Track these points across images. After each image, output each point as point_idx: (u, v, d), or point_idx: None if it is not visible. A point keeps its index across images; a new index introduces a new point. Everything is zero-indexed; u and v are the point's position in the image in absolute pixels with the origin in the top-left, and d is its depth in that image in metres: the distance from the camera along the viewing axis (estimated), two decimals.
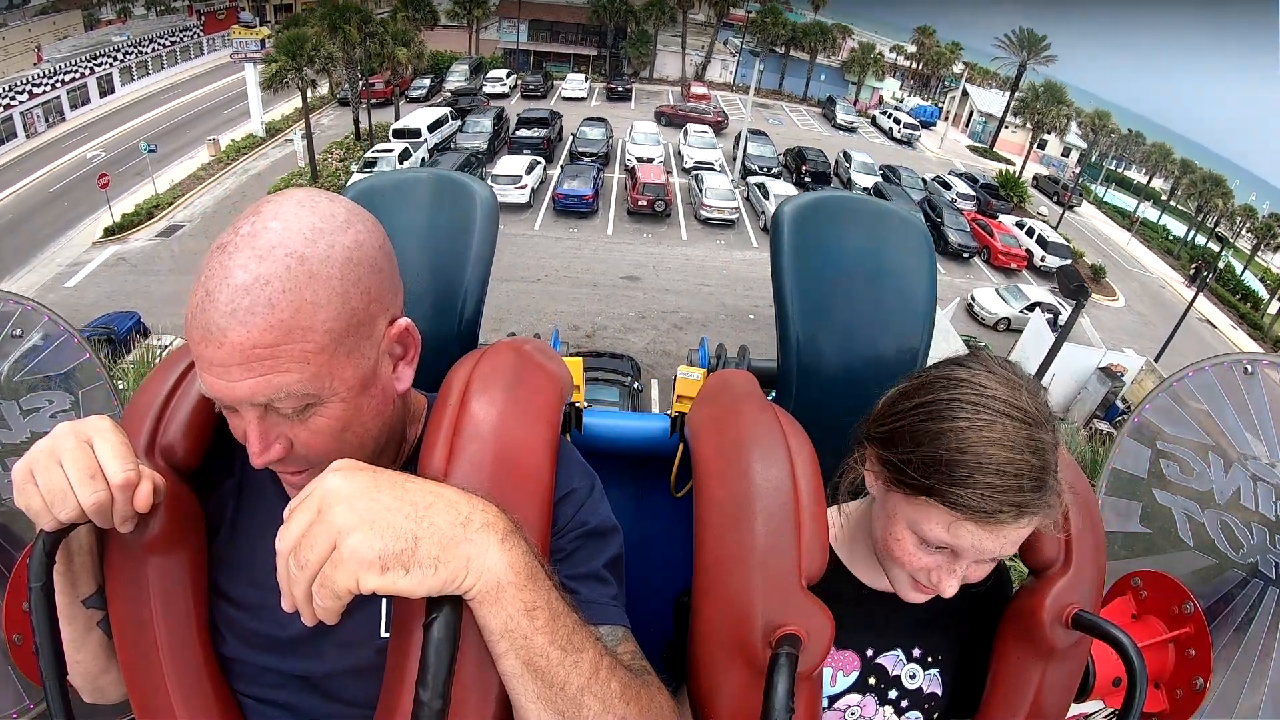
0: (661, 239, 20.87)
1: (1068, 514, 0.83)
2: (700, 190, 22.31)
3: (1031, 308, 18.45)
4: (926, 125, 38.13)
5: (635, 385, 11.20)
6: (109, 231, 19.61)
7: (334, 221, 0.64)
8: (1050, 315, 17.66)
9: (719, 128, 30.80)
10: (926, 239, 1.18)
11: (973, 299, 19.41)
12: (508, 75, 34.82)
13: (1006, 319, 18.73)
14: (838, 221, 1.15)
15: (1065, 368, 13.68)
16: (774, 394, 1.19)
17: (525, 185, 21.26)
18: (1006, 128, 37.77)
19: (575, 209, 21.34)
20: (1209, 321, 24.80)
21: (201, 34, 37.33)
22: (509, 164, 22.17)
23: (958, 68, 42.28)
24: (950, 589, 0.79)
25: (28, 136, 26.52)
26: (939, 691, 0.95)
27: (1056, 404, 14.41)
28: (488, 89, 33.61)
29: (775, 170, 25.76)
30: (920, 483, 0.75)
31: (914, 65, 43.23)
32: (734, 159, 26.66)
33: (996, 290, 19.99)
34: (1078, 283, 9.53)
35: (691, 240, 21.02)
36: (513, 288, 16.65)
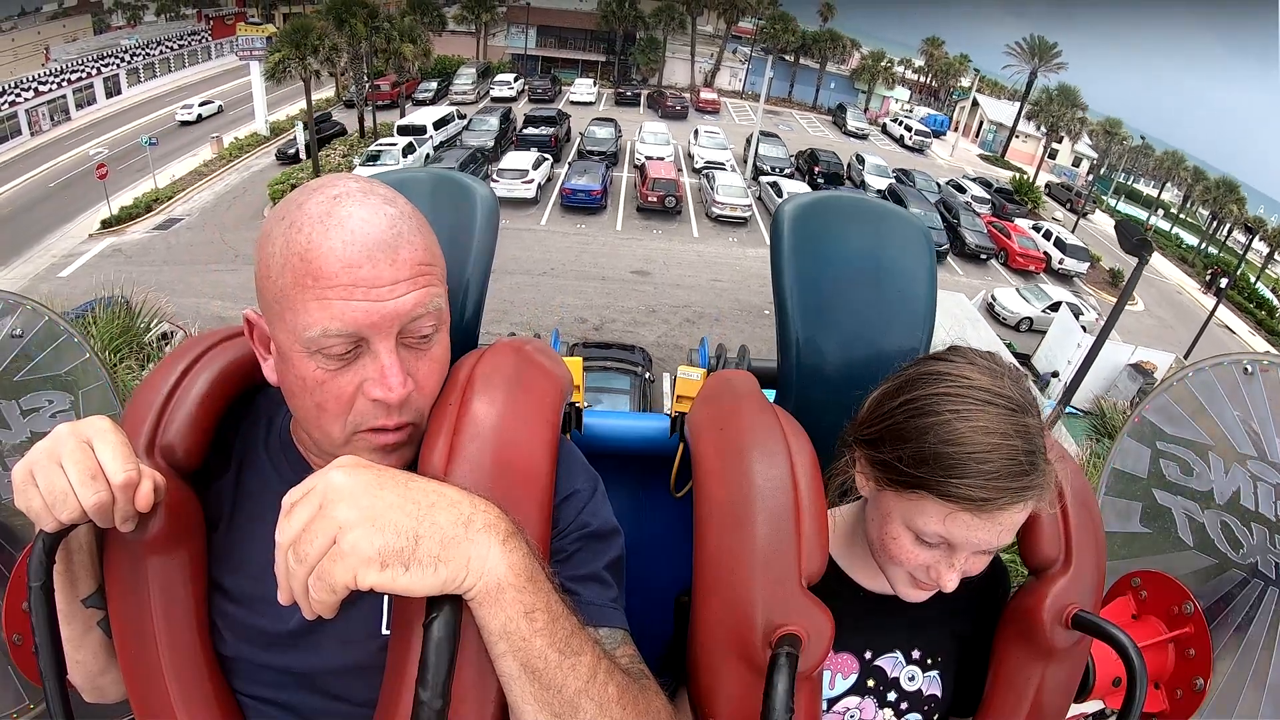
0: (672, 235, 20.45)
1: (1062, 491, 0.82)
2: (712, 188, 21.95)
3: (1054, 307, 17.97)
4: (937, 134, 37.98)
5: (647, 376, 10.69)
6: (106, 224, 19.33)
7: (399, 198, 0.69)
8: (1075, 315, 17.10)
9: (673, 115, 32.97)
10: (927, 239, 1.15)
11: (993, 298, 18.93)
12: (515, 79, 34.76)
13: (1028, 319, 18.29)
14: (838, 221, 1.14)
15: (1095, 362, 13.13)
16: (774, 394, 1.16)
17: (532, 180, 20.96)
18: (1017, 137, 37.50)
19: (583, 204, 20.99)
20: (1227, 327, 24.37)
21: (210, 39, 37.42)
22: (516, 158, 21.91)
23: (966, 80, 42.08)
24: (951, 583, 0.79)
25: (33, 134, 26.42)
26: (939, 693, 0.94)
27: (1086, 399, 13.82)
28: (495, 92, 33.50)
29: (788, 171, 25.41)
30: (912, 477, 0.75)
31: (922, 79, 43.06)
32: (745, 161, 26.31)
33: (1018, 290, 19.57)
34: (1140, 236, 8.80)
35: (703, 238, 20.59)
36: (518, 280, 16.18)
